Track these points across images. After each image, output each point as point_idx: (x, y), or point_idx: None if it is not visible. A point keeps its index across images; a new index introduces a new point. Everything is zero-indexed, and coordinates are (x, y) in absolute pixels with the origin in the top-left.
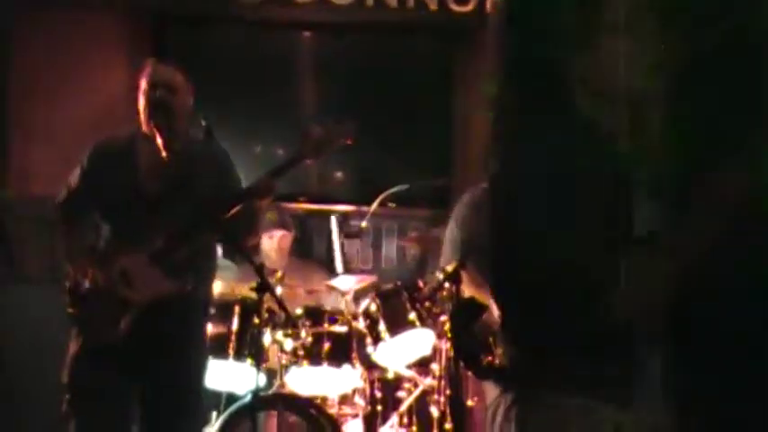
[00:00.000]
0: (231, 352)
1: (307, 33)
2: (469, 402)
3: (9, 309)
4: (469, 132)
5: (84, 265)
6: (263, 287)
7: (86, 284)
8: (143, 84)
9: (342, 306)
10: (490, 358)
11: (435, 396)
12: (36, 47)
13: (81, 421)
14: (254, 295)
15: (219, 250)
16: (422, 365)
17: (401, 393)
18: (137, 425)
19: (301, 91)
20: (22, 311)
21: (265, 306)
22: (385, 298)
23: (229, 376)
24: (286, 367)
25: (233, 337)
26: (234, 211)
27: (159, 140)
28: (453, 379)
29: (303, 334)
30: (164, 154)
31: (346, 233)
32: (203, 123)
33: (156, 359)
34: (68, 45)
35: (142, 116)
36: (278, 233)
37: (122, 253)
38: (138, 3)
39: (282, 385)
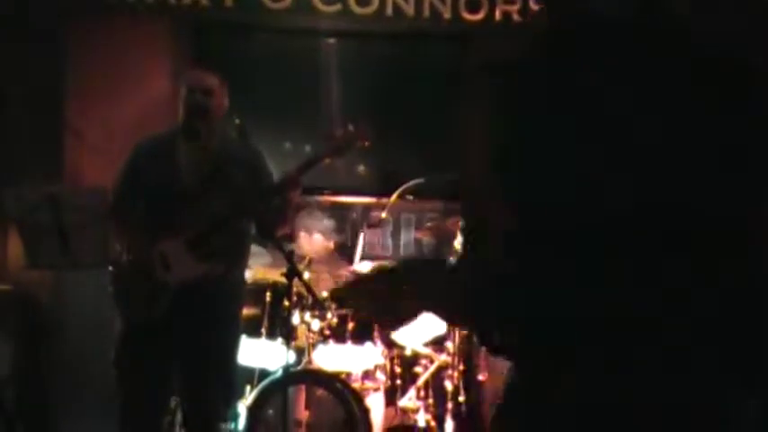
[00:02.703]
0: (264, 332)
1: (331, 40)
2: (480, 377)
3: (66, 291)
4: None
5: (129, 247)
6: (293, 273)
7: (128, 265)
8: (182, 89)
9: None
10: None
11: (450, 371)
12: (88, 54)
13: (127, 394)
14: (284, 280)
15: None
16: (437, 343)
17: (418, 369)
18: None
19: (327, 92)
20: (78, 294)
21: (294, 290)
22: None
23: (262, 354)
24: (313, 345)
25: (265, 318)
26: (265, 203)
27: (195, 139)
28: (466, 356)
29: (329, 315)
30: (200, 151)
31: (368, 223)
32: (237, 122)
33: (192, 336)
34: (118, 52)
35: (181, 117)
36: (321, 238)
37: (161, 238)
38: (181, 13)
39: (310, 362)
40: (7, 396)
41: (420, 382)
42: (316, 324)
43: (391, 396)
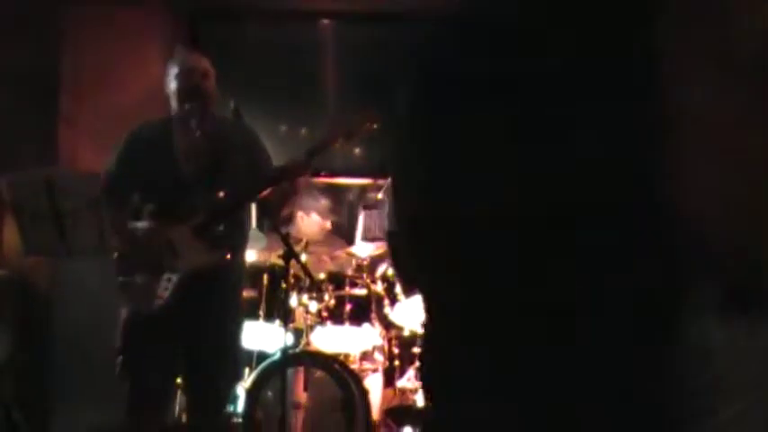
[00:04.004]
0: (261, 314)
1: (325, 21)
2: None
3: (64, 279)
4: None
5: (131, 237)
6: (290, 255)
7: (134, 256)
8: (174, 69)
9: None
10: None
11: None
12: (82, 42)
13: (133, 380)
14: (281, 262)
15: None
16: None
17: (416, 349)
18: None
19: (321, 74)
20: (76, 281)
21: (292, 272)
22: None
23: (260, 336)
24: (311, 327)
25: (263, 301)
26: (272, 186)
27: (193, 122)
28: None
29: (326, 297)
30: (197, 135)
31: (365, 204)
32: (232, 105)
33: (197, 322)
34: (111, 40)
35: (175, 100)
36: (318, 218)
37: (166, 226)
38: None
39: (308, 343)
40: (5, 383)
41: (418, 362)
42: (313, 306)
43: (390, 377)
